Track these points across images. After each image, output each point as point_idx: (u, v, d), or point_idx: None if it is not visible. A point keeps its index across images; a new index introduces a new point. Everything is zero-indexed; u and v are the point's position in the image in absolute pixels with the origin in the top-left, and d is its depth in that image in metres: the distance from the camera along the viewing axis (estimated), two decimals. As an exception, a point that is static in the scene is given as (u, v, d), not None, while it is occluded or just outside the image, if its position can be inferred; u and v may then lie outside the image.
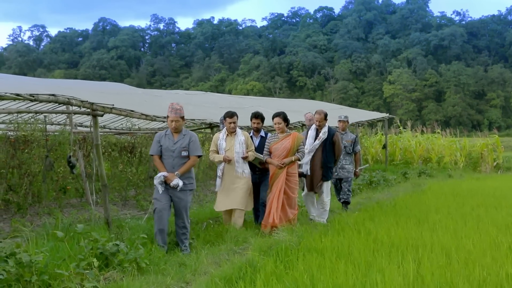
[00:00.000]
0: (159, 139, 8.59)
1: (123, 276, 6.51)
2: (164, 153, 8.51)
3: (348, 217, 10.54)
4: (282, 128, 10.09)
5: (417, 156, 28.76)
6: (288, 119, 10.32)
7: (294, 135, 10.10)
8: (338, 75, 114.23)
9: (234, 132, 9.88)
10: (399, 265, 6.53)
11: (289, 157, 9.89)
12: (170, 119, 8.44)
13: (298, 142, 10.02)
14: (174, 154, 8.46)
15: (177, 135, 8.56)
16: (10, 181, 11.87)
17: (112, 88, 19.55)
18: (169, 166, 8.45)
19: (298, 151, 10.04)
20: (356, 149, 12.66)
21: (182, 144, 8.48)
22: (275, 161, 9.91)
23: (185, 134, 8.62)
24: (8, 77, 19.63)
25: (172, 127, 8.47)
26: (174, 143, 8.48)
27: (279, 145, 9.99)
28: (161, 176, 8.29)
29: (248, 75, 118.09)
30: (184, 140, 8.53)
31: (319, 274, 6.13)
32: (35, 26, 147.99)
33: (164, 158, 8.52)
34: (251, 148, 9.99)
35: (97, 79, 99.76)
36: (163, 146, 8.51)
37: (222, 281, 6.01)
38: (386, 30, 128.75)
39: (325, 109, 11.43)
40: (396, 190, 16.93)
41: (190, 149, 8.52)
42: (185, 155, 8.48)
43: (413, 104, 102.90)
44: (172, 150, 8.45)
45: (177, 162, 8.45)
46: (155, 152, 8.59)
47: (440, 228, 9.22)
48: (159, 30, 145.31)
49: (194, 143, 8.58)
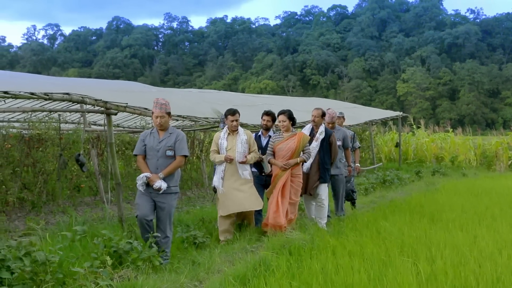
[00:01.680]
0: (144, 137, 7.99)
1: (137, 274, 6.52)
2: (148, 152, 7.88)
3: (362, 216, 10.52)
4: (287, 127, 9.56)
5: (431, 154, 28.64)
6: (294, 117, 9.76)
7: (300, 135, 9.55)
8: (351, 74, 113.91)
9: (236, 130, 9.33)
10: (413, 264, 6.51)
11: (294, 159, 9.39)
12: (155, 115, 7.83)
13: (304, 143, 9.50)
14: (158, 154, 7.80)
15: (163, 133, 7.92)
16: (24, 180, 11.94)
17: (125, 87, 19.58)
18: (153, 166, 7.80)
19: (303, 152, 9.54)
20: (356, 145, 12.28)
21: (168, 143, 7.83)
22: (279, 162, 9.40)
23: (172, 132, 7.96)
24: (23, 76, 19.72)
25: (157, 123, 7.86)
26: (159, 142, 7.84)
27: (283, 145, 9.46)
28: (144, 177, 7.63)
29: (261, 74, 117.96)
30: (170, 138, 7.87)
31: (332, 273, 6.13)
32: (49, 25, 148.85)
33: (148, 158, 7.88)
34: (254, 148, 9.42)
35: (111, 77, 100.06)
36: (147, 145, 7.90)
37: (236, 280, 6.01)
38: (399, 28, 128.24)
39: (338, 108, 11.30)
40: (409, 188, 16.87)
41: (176, 148, 7.84)
42: (170, 155, 7.81)
43: (427, 102, 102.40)
44: (157, 150, 7.81)
45: (161, 162, 7.79)
46: (138, 151, 7.97)
47: (454, 227, 9.18)
48: (173, 28, 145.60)
49: (180, 142, 7.90)
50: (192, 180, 16.72)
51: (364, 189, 15.85)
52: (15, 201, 11.45)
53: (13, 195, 11.28)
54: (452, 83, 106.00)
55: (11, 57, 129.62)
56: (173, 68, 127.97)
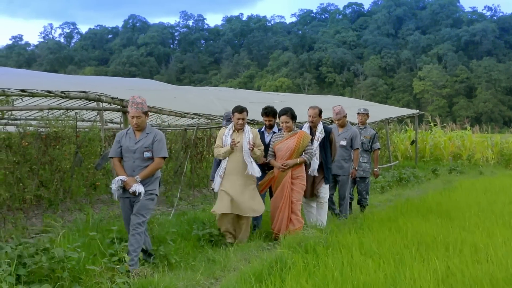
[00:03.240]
0: (119, 138, 7.42)
1: (153, 272, 6.56)
2: (124, 154, 7.33)
3: (378, 214, 10.48)
4: (289, 127, 9.10)
5: (448, 152, 28.52)
6: (295, 115, 9.29)
7: (300, 134, 9.10)
8: (367, 71, 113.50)
9: (242, 129, 8.89)
10: (429, 262, 6.49)
11: (294, 159, 8.96)
12: (131, 115, 7.27)
13: (304, 142, 9.04)
14: (135, 155, 7.26)
15: (139, 134, 7.35)
16: (41, 177, 11.99)
17: (142, 85, 19.64)
18: (129, 169, 7.26)
19: (305, 151, 9.06)
20: (375, 146, 11.79)
21: (145, 144, 7.27)
22: (277, 163, 9.03)
23: (149, 132, 7.38)
24: (40, 74, 19.82)
25: (133, 124, 7.27)
26: (135, 143, 7.28)
27: (282, 145, 9.06)
28: (119, 181, 7.07)
29: (277, 72, 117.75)
30: (147, 139, 7.30)
31: (348, 271, 6.12)
32: (66, 23, 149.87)
33: (124, 160, 7.34)
34: (261, 148, 8.95)
35: (127, 76, 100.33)
36: (123, 146, 7.33)
37: (252, 277, 6.01)
38: (416, 25, 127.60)
39: (354, 106, 11.12)
40: (426, 187, 16.80)
41: (154, 149, 7.27)
42: (148, 157, 7.25)
43: (444, 100, 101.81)
44: (133, 151, 7.25)
45: (138, 164, 7.24)
46: (113, 153, 7.40)
47: (470, 225, 9.14)
48: (188, 26, 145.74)
49: (159, 142, 7.33)
50: (208, 178, 16.74)
51: (381, 187, 15.84)
52: (32, 199, 11.50)
53: (30, 192, 11.33)
54: (469, 80, 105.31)
55: (28, 56, 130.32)
56: (189, 66, 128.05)
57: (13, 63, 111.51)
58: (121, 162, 7.37)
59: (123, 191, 7.14)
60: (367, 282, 5.69)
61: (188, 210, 11.93)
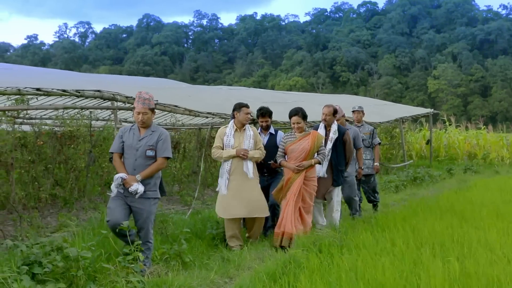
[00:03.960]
0: (122, 134, 7.10)
1: (168, 271, 6.57)
2: (126, 151, 6.99)
3: (392, 213, 10.44)
4: (301, 128, 8.77)
5: (462, 152, 28.39)
6: (306, 115, 8.92)
7: (314, 135, 8.76)
8: (381, 70, 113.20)
9: (244, 127, 8.61)
10: (444, 262, 6.45)
11: (308, 160, 8.60)
12: (137, 111, 6.97)
13: (318, 143, 8.71)
14: (137, 153, 6.92)
15: (144, 131, 7.04)
16: (56, 176, 12.06)
17: (156, 84, 19.69)
18: (130, 167, 6.90)
19: (318, 152, 8.75)
20: (375, 141, 11.62)
21: (149, 142, 6.95)
22: (291, 164, 8.60)
23: (154, 130, 7.08)
24: (55, 73, 19.91)
25: (138, 120, 6.96)
26: (139, 140, 6.96)
27: (296, 146, 8.67)
28: (119, 178, 6.71)
29: (291, 71, 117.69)
30: (151, 137, 7.00)
31: (363, 270, 6.09)
32: (81, 22, 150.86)
33: (126, 157, 6.99)
34: (259, 146, 8.62)
35: (141, 75, 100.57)
36: (126, 142, 6.99)
37: (266, 277, 6.00)
38: (431, 24, 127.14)
39: (368, 105, 10.98)
40: (441, 186, 16.74)
41: (158, 148, 6.97)
42: (150, 155, 6.93)
43: (458, 99, 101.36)
44: (136, 148, 6.92)
45: (140, 163, 6.91)
46: (115, 149, 7.05)
47: (486, 225, 9.07)
48: (202, 26, 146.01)
49: (164, 142, 7.02)
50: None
51: (395, 186, 15.77)
52: (47, 198, 11.56)
53: (46, 191, 11.40)
54: (484, 79, 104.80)
55: (43, 55, 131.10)
56: (203, 66, 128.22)
57: (28, 63, 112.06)
58: (122, 158, 7.03)
59: (122, 190, 6.80)
60: (381, 282, 5.66)
61: (202, 209, 11.94)
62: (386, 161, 22.79)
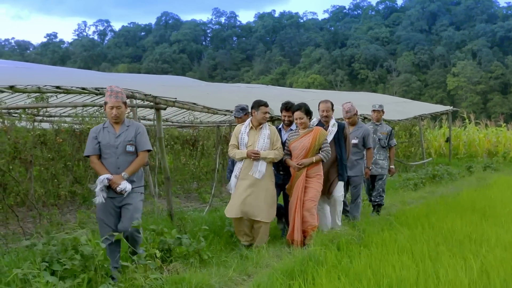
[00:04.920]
0: (96, 134, 6.70)
1: (186, 268, 6.59)
2: (105, 150, 6.63)
3: (411, 211, 10.40)
4: (305, 124, 8.51)
5: (482, 149, 28.19)
6: (311, 111, 8.68)
7: (315, 131, 8.49)
8: (400, 68, 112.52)
9: (260, 125, 8.35)
10: (464, 260, 6.41)
11: (309, 158, 8.39)
12: (110, 105, 6.65)
13: (320, 140, 8.44)
14: (118, 151, 6.61)
15: (119, 127, 6.73)
16: (76, 173, 12.13)
17: (174, 82, 19.74)
18: (113, 166, 6.59)
19: (321, 149, 8.48)
20: (392, 142, 11.31)
21: (127, 137, 6.67)
22: (293, 162, 8.46)
23: (129, 125, 6.80)
24: (74, 71, 20.03)
25: (112, 115, 6.65)
26: (116, 137, 6.65)
27: (297, 143, 8.48)
28: (105, 180, 6.40)
29: (309, 68, 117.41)
30: (128, 132, 6.72)
31: (381, 268, 6.07)
32: (100, 21, 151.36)
33: (105, 157, 6.64)
34: (277, 146, 8.33)
35: (160, 73, 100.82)
36: (102, 142, 6.63)
37: (284, 274, 6.00)
38: (450, 21, 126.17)
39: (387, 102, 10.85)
40: (460, 184, 16.63)
41: (138, 142, 6.70)
42: (131, 151, 6.65)
43: (478, 96, 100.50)
44: (115, 146, 6.61)
45: (122, 160, 6.61)
46: (91, 151, 6.66)
47: (506, 223, 9.02)
48: (221, 23, 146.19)
49: (142, 135, 6.76)
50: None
51: (414, 184, 15.70)
52: (66, 195, 11.65)
53: (65, 188, 11.47)
54: (504, 77, 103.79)
55: (62, 53, 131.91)
56: (221, 63, 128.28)
57: (47, 61, 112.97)
58: (100, 159, 6.67)
59: (107, 191, 6.48)
60: (400, 279, 5.64)
61: (220, 206, 11.96)
62: (405, 159, 22.71)
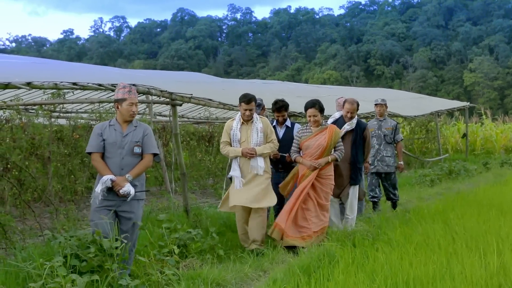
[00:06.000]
0: (101, 131, 6.29)
1: (202, 264, 6.61)
2: (110, 149, 6.24)
3: (428, 207, 10.35)
4: (318, 121, 8.22)
5: (499, 146, 28.02)
6: (324, 108, 8.35)
7: (331, 129, 8.21)
8: (416, 64, 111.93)
9: (251, 119, 7.97)
10: (481, 257, 6.37)
11: (325, 157, 8.09)
12: (130, 102, 6.29)
13: (336, 138, 8.18)
14: (124, 151, 6.24)
15: (127, 126, 6.35)
16: (92, 169, 12.17)
17: (190, 78, 19.76)
18: (116, 167, 6.20)
19: (335, 149, 8.24)
20: (398, 137, 11.07)
21: (134, 138, 6.30)
22: (308, 161, 8.08)
23: (137, 125, 6.41)
24: (90, 68, 20.11)
25: (131, 112, 6.32)
26: (123, 137, 6.27)
27: (312, 141, 8.15)
28: (109, 181, 6.02)
29: (324, 64, 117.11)
30: (136, 133, 6.35)
31: (398, 265, 6.05)
32: (116, 17, 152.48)
33: (109, 156, 6.24)
34: (271, 138, 7.98)
35: (175, 69, 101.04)
36: (108, 140, 6.22)
37: (300, 270, 5.99)
38: (467, 17, 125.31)
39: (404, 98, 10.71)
40: (477, 180, 16.53)
41: (145, 145, 6.35)
42: (138, 153, 6.30)
43: (495, 92, 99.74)
44: (121, 146, 6.24)
45: (127, 162, 6.24)
46: (96, 148, 6.24)
47: (523, 220, 8.96)
48: (236, 19, 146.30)
49: (149, 137, 6.42)
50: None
51: (430, 180, 15.63)
52: (83, 190, 11.70)
53: (82, 184, 11.53)
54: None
55: (78, 49, 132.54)
56: (237, 59, 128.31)
57: (64, 57, 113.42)
58: (103, 158, 6.28)
59: (107, 193, 6.12)
60: (417, 276, 5.61)
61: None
62: (421, 155, 22.63)
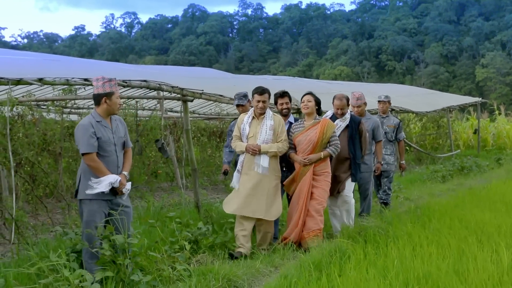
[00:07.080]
0: (94, 129, 5.83)
1: (213, 259, 6.62)
2: (106, 148, 5.90)
3: (439, 203, 10.31)
4: (311, 108, 7.90)
5: (511, 141, 27.88)
6: (319, 100, 8.11)
7: (323, 123, 7.85)
8: (428, 59, 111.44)
9: (263, 115, 7.68)
10: (492, 253, 6.34)
11: (317, 153, 7.74)
12: (118, 95, 6.04)
13: (328, 133, 7.80)
14: (118, 148, 6.02)
15: (109, 121, 6.04)
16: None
17: (201, 74, 19.78)
18: (114, 165, 5.96)
19: (330, 143, 7.87)
20: (400, 136, 10.68)
21: (119, 133, 6.09)
22: (299, 157, 7.79)
23: (115, 119, 6.15)
24: (102, 64, 20.16)
25: (118, 106, 6.08)
26: (113, 132, 6.00)
27: (303, 137, 7.83)
28: (117, 182, 5.80)
29: (336, 60, 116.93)
30: (118, 127, 6.12)
31: (409, 261, 6.03)
32: (127, 13, 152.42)
33: (106, 155, 5.90)
34: (281, 138, 7.66)
35: (187, 65, 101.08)
36: (102, 138, 5.85)
37: (312, 266, 5.98)
38: (479, 12, 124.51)
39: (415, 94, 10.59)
40: (489, 176, 16.44)
41: (127, 138, 6.22)
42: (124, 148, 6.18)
43: (507, 88, 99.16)
44: (114, 143, 5.98)
45: (121, 158, 6.09)
46: (92, 148, 5.79)
47: (536, 216, 8.91)
48: (247, 15, 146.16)
49: (127, 130, 6.30)
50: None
51: (442, 176, 15.58)
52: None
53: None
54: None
55: (90, 46, 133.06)
56: (248, 55, 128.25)
57: (75, 53, 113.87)
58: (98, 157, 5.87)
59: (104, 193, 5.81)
60: (428, 272, 5.59)
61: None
62: (433, 151, 22.56)
